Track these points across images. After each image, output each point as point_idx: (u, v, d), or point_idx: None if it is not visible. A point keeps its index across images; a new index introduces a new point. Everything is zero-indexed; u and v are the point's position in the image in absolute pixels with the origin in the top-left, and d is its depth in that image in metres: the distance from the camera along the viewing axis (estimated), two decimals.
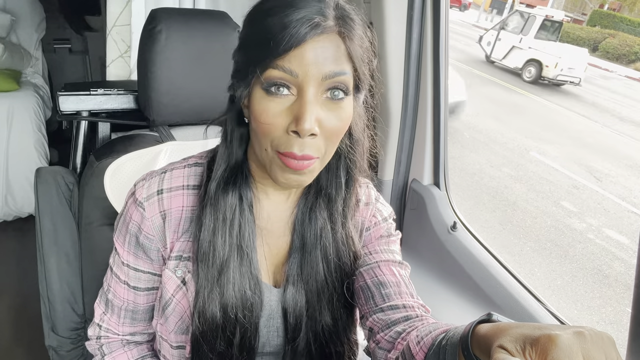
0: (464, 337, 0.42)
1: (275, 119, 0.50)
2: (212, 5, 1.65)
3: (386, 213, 0.71)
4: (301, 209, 0.64)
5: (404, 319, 0.58)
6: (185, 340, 0.65)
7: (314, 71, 0.48)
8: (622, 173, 4.90)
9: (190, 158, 0.65)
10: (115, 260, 0.66)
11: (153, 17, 0.91)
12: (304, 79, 0.49)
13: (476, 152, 4.82)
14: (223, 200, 0.59)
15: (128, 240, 0.63)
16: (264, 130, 0.51)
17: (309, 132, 0.48)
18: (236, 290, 0.60)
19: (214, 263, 0.59)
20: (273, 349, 0.68)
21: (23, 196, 2.24)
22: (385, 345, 0.58)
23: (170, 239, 0.62)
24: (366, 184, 0.71)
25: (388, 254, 0.67)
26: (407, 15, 1.09)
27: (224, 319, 0.60)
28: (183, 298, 0.63)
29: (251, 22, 0.53)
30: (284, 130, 0.50)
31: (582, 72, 7.74)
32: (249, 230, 0.61)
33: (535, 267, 3.09)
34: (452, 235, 1.12)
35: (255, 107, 0.51)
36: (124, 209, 0.64)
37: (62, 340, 0.97)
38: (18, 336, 1.68)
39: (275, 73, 0.49)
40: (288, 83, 0.49)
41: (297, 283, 0.63)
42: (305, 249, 0.63)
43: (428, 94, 1.15)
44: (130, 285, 0.66)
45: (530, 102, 7.24)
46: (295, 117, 0.49)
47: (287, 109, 0.50)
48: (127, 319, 0.69)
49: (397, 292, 0.62)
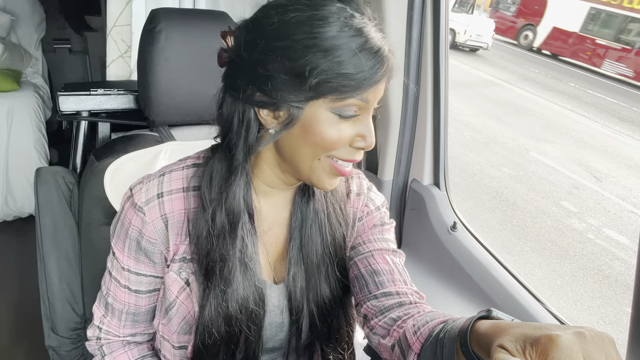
0: (463, 333, 0.42)
1: (344, 138, 0.54)
2: (212, 5, 1.64)
3: (379, 202, 0.72)
4: (298, 194, 0.66)
5: (398, 305, 0.60)
6: (188, 340, 0.65)
7: (379, 97, 0.55)
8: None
9: (187, 159, 0.65)
10: (114, 264, 0.66)
11: (153, 17, 0.91)
12: (372, 104, 0.55)
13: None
14: (225, 210, 0.59)
15: (128, 245, 0.63)
16: (329, 147, 0.54)
17: (372, 146, 0.56)
18: (240, 304, 0.61)
19: (220, 279, 0.60)
20: (276, 344, 0.69)
21: (23, 196, 2.24)
22: (379, 331, 0.59)
23: (173, 241, 0.62)
24: (357, 175, 0.73)
25: (382, 242, 0.69)
26: (407, 15, 1.09)
27: (227, 332, 0.61)
28: (187, 299, 0.63)
29: (309, 43, 0.50)
30: (347, 145, 0.56)
31: (489, 39, 9.88)
32: (251, 242, 0.61)
33: (535, 267, 3.09)
34: (452, 235, 1.12)
35: (324, 128, 0.53)
36: (121, 213, 0.64)
37: (62, 340, 0.97)
38: (18, 336, 1.68)
39: (355, 102, 0.52)
40: (360, 110, 0.54)
41: (297, 262, 0.65)
42: (305, 226, 0.65)
43: (428, 94, 1.15)
44: (132, 289, 0.65)
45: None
46: (361, 135, 0.55)
47: (352, 126, 0.55)
48: (129, 322, 0.69)
49: (391, 279, 0.63)
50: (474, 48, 10.00)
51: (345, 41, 0.49)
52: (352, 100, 0.52)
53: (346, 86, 0.50)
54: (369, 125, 0.55)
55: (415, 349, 0.50)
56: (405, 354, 0.52)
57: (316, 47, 0.49)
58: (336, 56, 0.49)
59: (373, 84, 0.52)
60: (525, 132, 5.66)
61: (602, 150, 5.49)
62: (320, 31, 0.49)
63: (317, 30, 0.49)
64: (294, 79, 0.50)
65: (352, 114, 0.53)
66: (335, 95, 0.51)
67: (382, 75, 0.52)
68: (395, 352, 0.55)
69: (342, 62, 0.49)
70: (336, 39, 0.49)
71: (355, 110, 0.53)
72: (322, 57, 0.49)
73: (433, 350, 0.47)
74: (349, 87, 0.50)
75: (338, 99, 0.51)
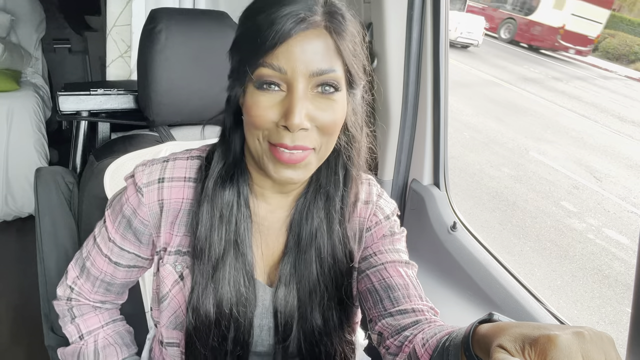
0: (465, 338, 0.42)
1: (266, 112, 0.50)
2: (212, 5, 1.65)
3: (388, 210, 0.69)
4: (298, 208, 0.63)
5: (414, 324, 0.58)
6: (177, 337, 0.65)
7: (302, 68, 0.49)
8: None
9: (194, 150, 0.65)
10: (102, 232, 0.67)
11: (153, 17, 0.91)
12: (292, 76, 0.49)
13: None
14: (220, 197, 0.59)
15: (119, 220, 0.64)
16: (256, 123, 0.51)
17: (298, 127, 0.49)
18: (231, 285, 0.60)
19: (209, 259, 0.59)
20: (265, 349, 0.67)
21: (23, 196, 2.24)
22: (394, 350, 0.58)
23: (166, 229, 0.62)
24: (367, 181, 0.69)
25: (394, 254, 0.65)
26: (407, 15, 1.09)
27: (217, 314, 0.60)
28: (179, 293, 0.63)
29: (242, 21, 0.54)
30: (274, 124, 0.51)
31: (480, 36, 10.14)
32: (245, 226, 0.61)
33: (535, 267, 3.09)
34: (452, 235, 1.12)
35: (248, 101, 0.52)
36: (123, 189, 0.65)
37: (62, 340, 0.97)
38: (18, 336, 1.68)
39: (264, 71, 0.49)
40: (278, 80, 0.50)
41: (290, 283, 0.63)
42: (300, 249, 0.62)
43: (428, 94, 1.15)
44: (112, 260, 0.67)
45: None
46: (285, 113, 0.49)
47: (278, 104, 0.50)
48: (101, 289, 0.70)
49: (406, 294, 0.61)
50: (465, 45, 10.26)
51: (262, 4, 0.50)
52: (264, 69, 0.49)
53: (250, 51, 0.49)
54: (293, 100, 0.49)
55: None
56: None
57: (250, 30, 0.51)
58: (248, 23, 0.51)
59: (273, 44, 0.47)
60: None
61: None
62: (259, 16, 0.50)
63: (258, 16, 0.50)
64: (240, 65, 0.52)
65: (266, 82, 0.50)
66: (249, 65, 0.50)
67: (283, 33, 0.47)
68: None
69: (247, 29, 0.51)
70: (260, 4, 0.51)
71: (274, 81, 0.50)
72: (243, 29, 0.52)
73: (440, 359, 0.47)
74: (252, 52, 0.49)
75: (252, 70, 0.50)
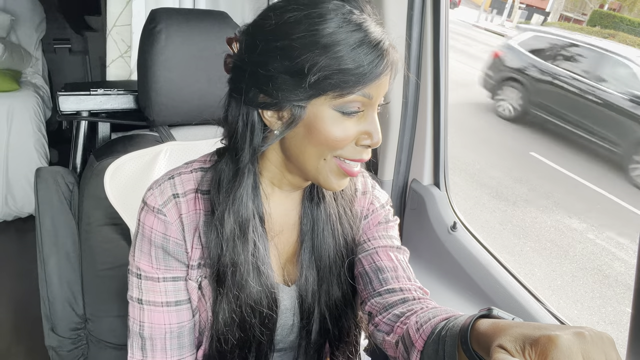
0: (463, 332, 0.42)
1: (349, 136, 0.54)
2: (212, 5, 1.64)
3: (383, 200, 0.73)
4: (307, 197, 0.66)
5: (401, 302, 0.60)
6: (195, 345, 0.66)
7: (382, 93, 0.54)
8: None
9: (194, 162, 0.63)
10: (145, 287, 0.61)
11: (153, 17, 0.91)
12: (375, 101, 0.54)
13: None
14: (233, 214, 0.58)
15: (155, 254, 0.59)
16: (338, 145, 0.54)
17: (379, 143, 0.55)
18: (253, 308, 0.61)
19: (232, 284, 0.59)
20: (286, 345, 0.69)
21: (23, 196, 2.24)
22: (383, 328, 0.59)
23: (189, 242, 0.60)
24: (361, 173, 0.73)
25: (386, 239, 0.69)
26: (407, 15, 1.09)
27: (241, 338, 0.61)
28: (198, 302, 0.63)
29: (307, 41, 0.50)
30: (353, 144, 0.55)
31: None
32: (263, 245, 0.61)
33: (535, 267, 3.09)
34: (452, 235, 1.12)
35: (327, 126, 0.53)
36: (138, 227, 0.60)
37: (62, 340, 0.97)
38: (18, 336, 1.68)
39: (357, 98, 0.52)
40: (364, 106, 0.53)
41: (310, 265, 0.65)
42: (316, 229, 0.65)
43: (428, 94, 1.15)
44: (172, 302, 0.61)
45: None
46: (366, 132, 0.54)
47: (357, 124, 0.54)
48: (175, 348, 0.63)
49: (395, 276, 0.63)
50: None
51: (344, 36, 0.49)
52: (354, 96, 0.51)
53: (346, 82, 0.50)
54: (374, 122, 0.54)
55: (418, 346, 0.51)
56: (409, 350, 0.52)
57: (314, 45, 0.49)
58: (335, 52, 0.49)
59: (374, 78, 0.51)
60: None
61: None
62: (318, 28, 0.49)
63: (315, 28, 0.49)
64: (294, 78, 0.51)
65: (355, 111, 0.52)
66: (336, 91, 0.50)
67: (383, 69, 0.51)
68: (399, 349, 0.55)
69: (340, 57, 0.49)
70: (335, 34, 0.49)
71: (359, 106, 0.52)
72: (320, 54, 0.49)
73: (435, 347, 0.47)
74: (350, 83, 0.50)
75: (339, 96, 0.51)
